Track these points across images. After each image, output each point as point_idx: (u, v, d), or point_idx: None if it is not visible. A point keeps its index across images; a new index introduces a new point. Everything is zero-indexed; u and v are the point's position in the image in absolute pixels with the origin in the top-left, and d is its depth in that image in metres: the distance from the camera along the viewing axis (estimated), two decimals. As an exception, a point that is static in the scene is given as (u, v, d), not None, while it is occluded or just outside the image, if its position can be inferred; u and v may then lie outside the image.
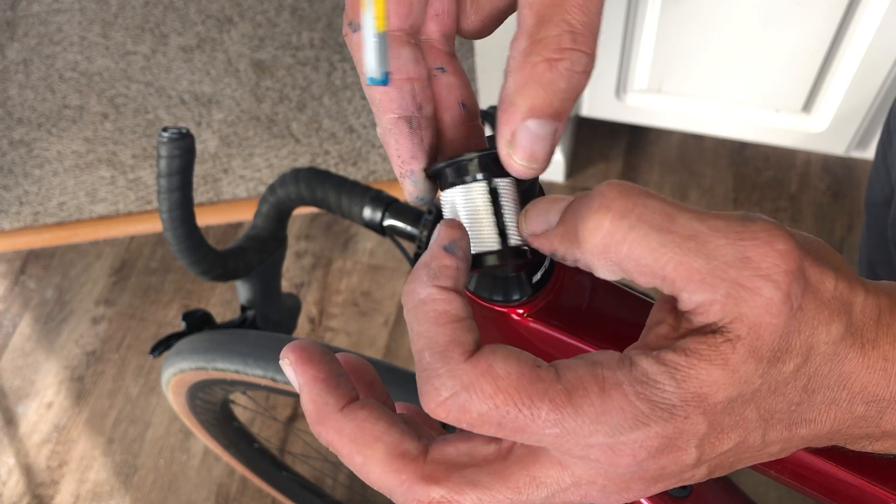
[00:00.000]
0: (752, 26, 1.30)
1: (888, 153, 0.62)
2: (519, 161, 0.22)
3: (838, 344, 0.21)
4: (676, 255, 0.20)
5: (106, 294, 1.61)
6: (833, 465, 0.30)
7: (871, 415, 0.22)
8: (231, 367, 0.67)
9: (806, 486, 0.31)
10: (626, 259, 0.20)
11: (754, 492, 1.24)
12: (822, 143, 1.49)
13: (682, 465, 0.21)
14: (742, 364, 0.20)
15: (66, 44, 2.03)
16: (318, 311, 1.53)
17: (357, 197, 0.62)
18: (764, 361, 0.20)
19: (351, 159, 1.72)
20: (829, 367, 0.21)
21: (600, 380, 0.20)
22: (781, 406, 0.21)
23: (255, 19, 2.01)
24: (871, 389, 0.22)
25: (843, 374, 0.22)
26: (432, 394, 0.20)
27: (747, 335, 0.20)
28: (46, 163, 1.81)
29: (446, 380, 0.20)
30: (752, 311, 0.20)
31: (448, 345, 0.21)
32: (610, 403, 0.20)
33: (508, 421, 0.20)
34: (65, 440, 1.44)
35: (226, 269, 0.66)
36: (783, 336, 0.20)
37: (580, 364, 0.21)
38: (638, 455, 0.20)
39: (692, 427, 0.20)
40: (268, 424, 1.40)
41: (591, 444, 0.20)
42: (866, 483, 0.29)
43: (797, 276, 0.20)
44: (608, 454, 0.20)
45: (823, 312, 0.21)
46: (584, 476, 0.21)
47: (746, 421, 0.21)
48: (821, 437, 0.23)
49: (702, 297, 0.20)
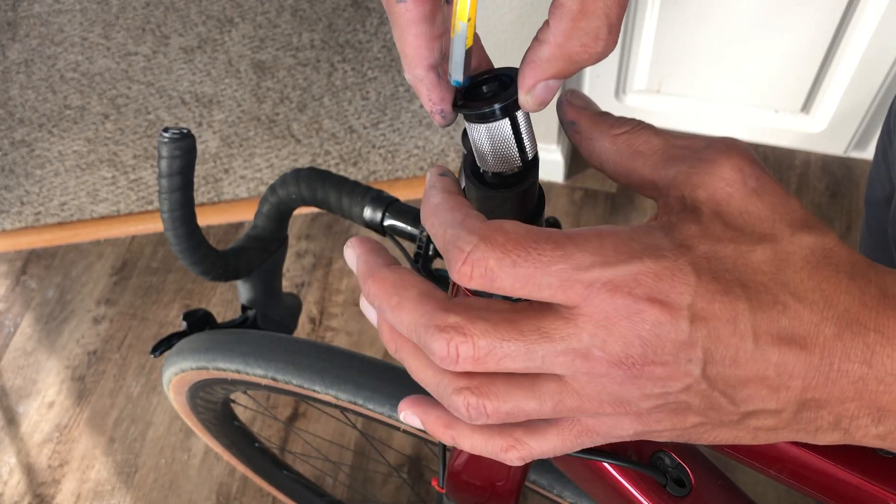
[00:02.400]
0: (751, 27, 1.30)
1: (888, 151, 0.62)
2: (533, 104, 0.28)
3: (814, 250, 0.23)
4: (664, 140, 0.27)
5: (107, 294, 1.62)
6: (833, 465, 0.30)
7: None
8: (232, 367, 0.67)
9: (806, 486, 0.31)
10: (637, 146, 0.27)
11: (754, 491, 1.24)
12: (821, 144, 1.49)
13: (678, 331, 0.22)
14: (711, 222, 0.24)
15: (68, 44, 2.03)
16: (319, 311, 1.54)
17: (357, 197, 0.62)
18: (731, 228, 0.24)
19: (351, 159, 1.72)
20: (806, 273, 0.23)
21: (597, 230, 0.24)
22: (760, 281, 0.23)
23: (255, 20, 2.01)
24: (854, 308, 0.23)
25: (822, 286, 0.23)
26: (457, 253, 0.24)
27: (708, 200, 0.24)
28: (48, 163, 1.81)
29: (465, 235, 0.24)
30: (710, 180, 0.24)
31: (464, 219, 0.25)
32: (607, 241, 0.23)
33: (520, 263, 0.23)
34: (66, 439, 1.44)
35: (226, 269, 0.66)
36: (744, 212, 0.24)
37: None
38: (634, 291, 0.22)
39: (682, 275, 0.22)
40: (268, 424, 1.40)
41: (591, 282, 0.23)
42: (866, 483, 0.30)
43: (752, 160, 0.25)
44: (607, 293, 0.22)
45: (788, 219, 0.24)
46: (587, 329, 0.23)
47: (731, 288, 0.23)
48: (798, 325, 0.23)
49: (674, 169, 0.25)
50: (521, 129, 0.29)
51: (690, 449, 0.40)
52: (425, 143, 1.72)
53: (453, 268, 0.24)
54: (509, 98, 0.28)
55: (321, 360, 0.64)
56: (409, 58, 0.28)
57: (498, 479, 0.49)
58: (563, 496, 0.58)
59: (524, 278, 0.23)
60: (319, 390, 0.63)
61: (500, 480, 0.48)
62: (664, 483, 0.39)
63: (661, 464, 0.39)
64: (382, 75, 1.86)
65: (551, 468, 0.58)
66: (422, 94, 0.29)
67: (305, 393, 0.65)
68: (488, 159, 0.30)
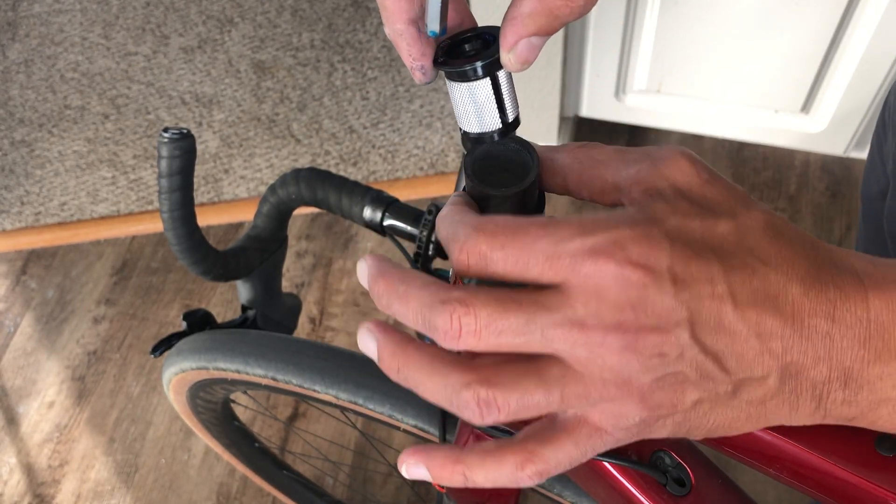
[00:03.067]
0: (751, 27, 1.30)
1: (883, 145, 0.62)
2: (515, 63, 0.28)
3: (769, 223, 0.26)
4: (618, 149, 0.29)
5: (107, 294, 1.62)
6: (833, 465, 0.30)
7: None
8: (232, 367, 0.67)
9: (806, 486, 0.31)
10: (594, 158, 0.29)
11: (754, 491, 1.24)
12: (821, 144, 1.49)
13: (662, 293, 0.23)
14: (676, 201, 0.26)
15: (68, 44, 2.03)
16: (319, 311, 1.54)
17: (357, 197, 0.62)
18: (695, 205, 0.26)
19: (351, 159, 1.72)
20: (766, 241, 0.25)
21: (578, 217, 0.25)
22: (727, 249, 0.25)
23: (255, 20, 2.01)
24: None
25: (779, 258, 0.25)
26: (454, 244, 0.26)
27: (670, 187, 0.26)
28: (48, 163, 1.81)
29: (462, 228, 0.26)
30: (670, 171, 0.27)
31: (463, 216, 0.27)
32: (586, 218, 0.25)
33: (508, 244, 0.25)
34: (66, 439, 1.44)
35: (226, 269, 0.66)
36: (703, 196, 0.26)
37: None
38: (616, 255, 0.24)
39: (657, 241, 0.24)
40: (269, 424, 1.40)
41: (575, 252, 0.24)
42: (866, 483, 0.30)
43: (699, 159, 0.27)
44: (591, 260, 0.24)
45: (741, 201, 0.26)
46: (579, 299, 0.24)
47: (702, 254, 0.24)
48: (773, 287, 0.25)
49: (634, 168, 0.27)
50: (503, 89, 0.29)
51: (690, 448, 0.40)
52: (425, 143, 1.72)
53: (452, 258, 0.26)
54: (491, 57, 0.28)
55: (321, 360, 0.64)
56: (389, 11, 0.29)
57: (498, 479, 0.48)
58: (563, 496, 0.58)
59: (514, 258, 0.25)
60: (319, 390, 0.64)
61: (500, 480, 0.48)
62: (664, 482, 0.39)
63: (661, 463, 0.39)
64: (382, 75, 1.86)
65: (551, 468, 0.58)
66: (402, 50, 0.29)
67: (305, 393, 0.65)
68: (469, 120, 0.30)
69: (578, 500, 0.57)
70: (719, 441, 0.33)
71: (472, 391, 0.25)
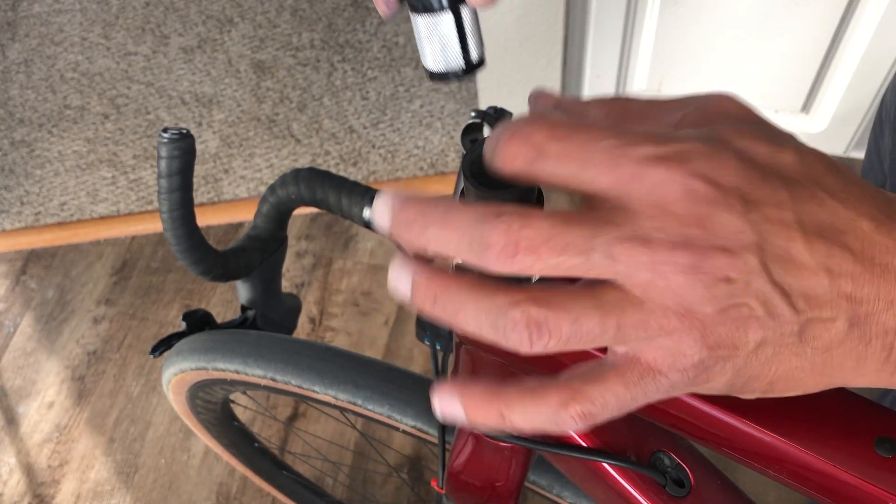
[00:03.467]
0: (751, 27, 1.30)
1: (880, 142, 0.62)
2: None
3: (830, 162, 0.24)
4: (649, 99, 0.28)
5: (107, 294, 1.62)
6: (833, 465, 0.30)
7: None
8: (231, 367, 0.67)
9: (806, 486, 0.31)
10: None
11: (754, 492, 1.24)
12: (821, 144, 1.49)
13: (731, 212, 0.22)
14: (741, 125, 0.24)
15: (67, 44, 2.03)
16: (319, 311, 1.54)
17: (357, 197, 0.62)
18: (759, 131, 0.24)
19: (351, 159, 1.72)
20: (832, 176, 0.23)
21: (644, 128, 0.23)
22: (794, 178, 0.23)
23: (255, 20, 2.01)
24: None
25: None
26: (502, 133, 0.23)
27: (725, 118, 0.25)
28: (47, 163, 1.81)
29: (514, 122, 0.23)
30: (719, 106, 0.26)
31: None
32: (653, 130, 0.23)
33: (569, 137, 0.22)
34: (66, 440, 1.44)
35: (226, 269, 0.66)
36: (760, 128, 0.24)
37: None
38: (686, 165, 0.22)
39: (727, 160, 0.22)
40: (268, 424, 1.40)
41: (642, 158, 0.22)
42: (866, 483, 0.29)
43: (745, 102, 0.26)
44: (661, 167, 0.22)
45: (795, 141, 0.24)
46: (644, 211, 0.22)
47: (770, 179, 0.23)
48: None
49: (679, 113, 0.26)
50: (466, 24, 0.29)
51: (690, 449, 0.40)
52: (425, 143, 1.72)
53: (497, 146, 0.23)
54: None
55: (321, 360, 0.64)
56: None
57: (498, 480, 0.48)
58: (562, 496, 0.58)
59: (573, 154, 0.22)
60: (319, 390, 0.63)
61: (500, 480, 0.48)
62: (664, 483, 0.39)
63: (660, 464, 0.39)
64: (382, 75, 1.86)
65: (551, 468, 0.58)
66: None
67: (305, 393, 0.65)
68: (432, 55, 0.30)
69: (578, 501, 0.57)
70: (719, 441, 0.33)
71: (522, 310, 0.22)
